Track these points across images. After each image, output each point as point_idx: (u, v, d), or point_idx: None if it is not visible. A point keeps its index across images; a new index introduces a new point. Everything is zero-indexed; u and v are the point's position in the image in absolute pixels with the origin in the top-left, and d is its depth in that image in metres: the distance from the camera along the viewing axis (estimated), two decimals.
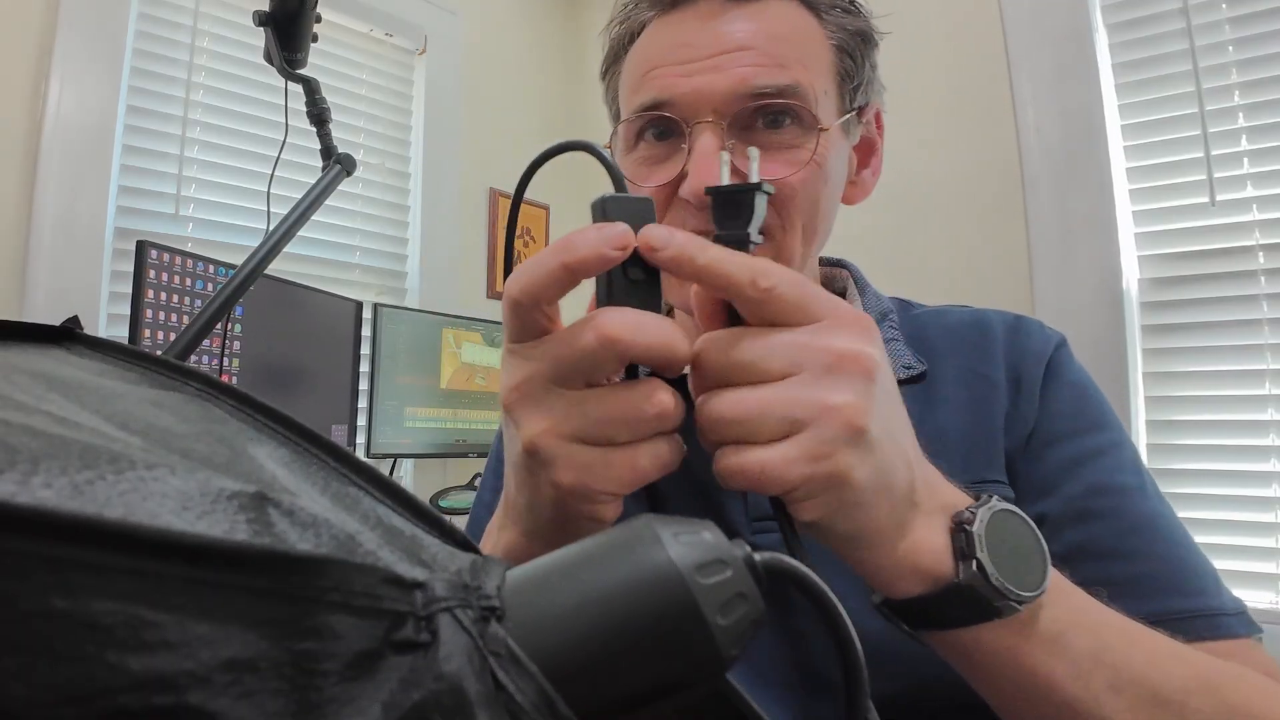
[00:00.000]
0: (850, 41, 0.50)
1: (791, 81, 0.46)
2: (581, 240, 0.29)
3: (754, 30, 0.46)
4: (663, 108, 0.47)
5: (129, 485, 0.14)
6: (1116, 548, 0.44)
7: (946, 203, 1.51)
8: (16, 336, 0.22)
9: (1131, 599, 0.40)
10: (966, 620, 0.32)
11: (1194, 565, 0.44)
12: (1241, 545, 1.18)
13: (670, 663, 0.18)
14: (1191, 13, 1.28)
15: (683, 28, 0.48)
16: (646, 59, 0.49)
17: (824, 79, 0.48)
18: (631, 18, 0.51)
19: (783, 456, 0.28)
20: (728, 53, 0.46)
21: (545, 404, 0.30)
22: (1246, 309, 1.22)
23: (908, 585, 0.32)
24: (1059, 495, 0.46)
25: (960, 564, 0.31)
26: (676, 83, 0.46)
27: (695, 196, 0.45)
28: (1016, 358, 0.51)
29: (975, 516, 0.31)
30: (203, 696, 0.13)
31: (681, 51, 0.47)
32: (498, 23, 2.07)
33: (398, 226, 1.81)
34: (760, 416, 0.28)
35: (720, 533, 0.20)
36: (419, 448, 1.62)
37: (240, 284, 0.69)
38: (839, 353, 0.29)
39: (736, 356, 0.29)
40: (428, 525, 0.20)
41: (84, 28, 1.30)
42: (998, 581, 0.30)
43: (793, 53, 0.47)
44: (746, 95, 0.45)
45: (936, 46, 1.54)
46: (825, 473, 0.28)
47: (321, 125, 0.83)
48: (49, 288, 1.24)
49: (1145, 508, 0.46)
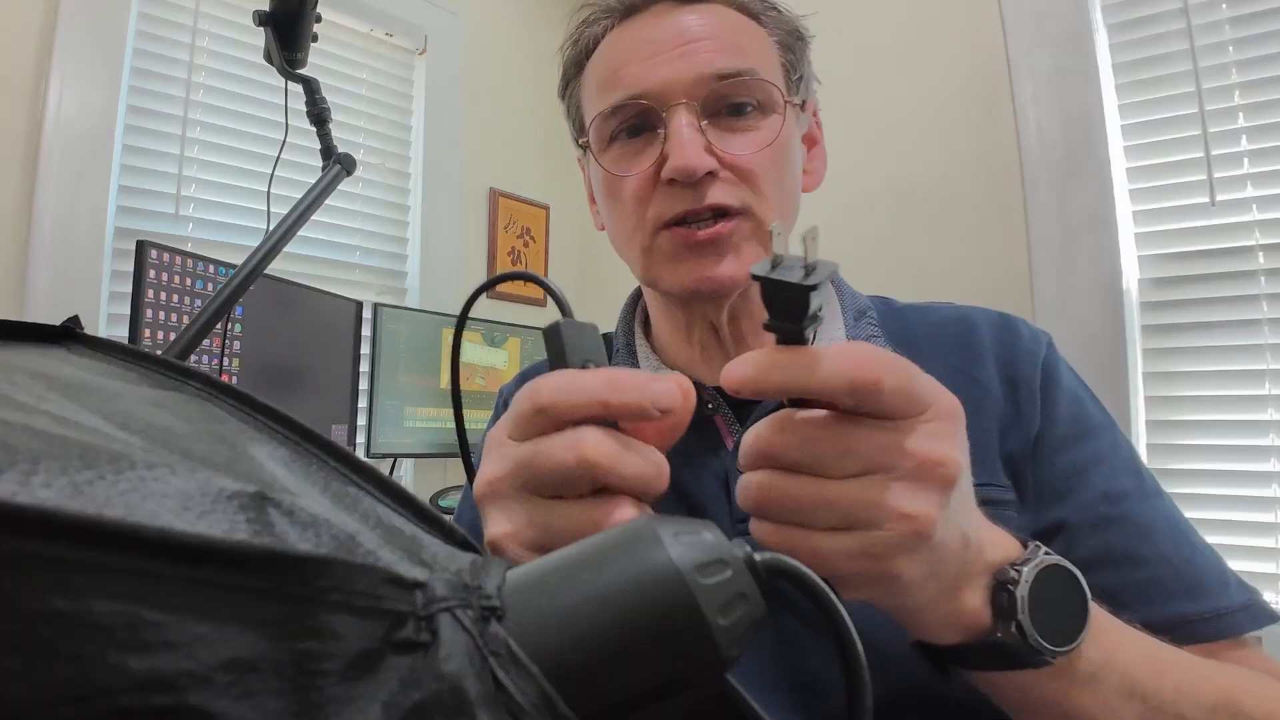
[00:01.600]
0: (788, 39, 0.54)
1: (751, 65, 0.50)
2: (631, 386, 0.27)
3: (708, 24, 0.50)
4: (639, 98, 0.50)
5: (129, 485, 0.14)
6: (1128, 554, 0.45)
7: (946, 203, 1.51)
8: (16, 336, 0.22)
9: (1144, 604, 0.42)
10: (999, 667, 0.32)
11: (1197, 563, 0.45)
12: (1242, 545, 1.18)
13: (670, 663, 0.18)
14: (1191, 13, 1.28)
15: (641, 29, 0.52)
16: (612, 61, 0.52)
17: (774, 70, 0.52)
18: (586, 34, 0.54)
19: (839, 550, 0.27)
20: (691, 42, 0.49)
21: (511, 508, 0.29)
22: (1246, 309, 1.22)
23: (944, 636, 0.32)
24: (1075, 502, 0.47)
25: (1000, 622, 0.31)
26: (647, 73, 0.49)
27: (680, 173, 0.47)
28: (1009, 360, 0.52)
29: (1020, 577, 0.31)
30: (203, 696, 0.13)
31: (647, 47, 0.50)
32: (498, 23, 2.07)
33: (398, 226, 1.81)
34: (826, 509, 0.28)
35: (720, 533, 0.20)
36: (419, 447, 1.62)
37: (240, 284, 0.69)
38: (925, 460, 0.28)
39: (817, 451, 0.28)
40: (428, 525, 0.20)
41: (84, 28, 1.30)
42: (1035, 641, 0.30)
43: (745, 42, 0.51)
44: (714, 77, 0.49)
45: (937, 47, 1.54)
46: (878, 571, 0.28)
47: (321, 125, 0.83)
48: (49, 287, 1.24)
49: (1147, 509, 0.47)
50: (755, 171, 0.49)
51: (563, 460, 0.27)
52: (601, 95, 0.52)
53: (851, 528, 0.27)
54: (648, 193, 0.50)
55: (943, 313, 0.56)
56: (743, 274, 0.49)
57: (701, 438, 0.52)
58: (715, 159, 0.48)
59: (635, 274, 0.56)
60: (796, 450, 0.28)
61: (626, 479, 0.27)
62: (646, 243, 0.51)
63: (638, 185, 0.50)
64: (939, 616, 0.31)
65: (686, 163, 0.47)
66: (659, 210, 0.50)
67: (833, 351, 0.27)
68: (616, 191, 0.52)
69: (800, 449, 0.28)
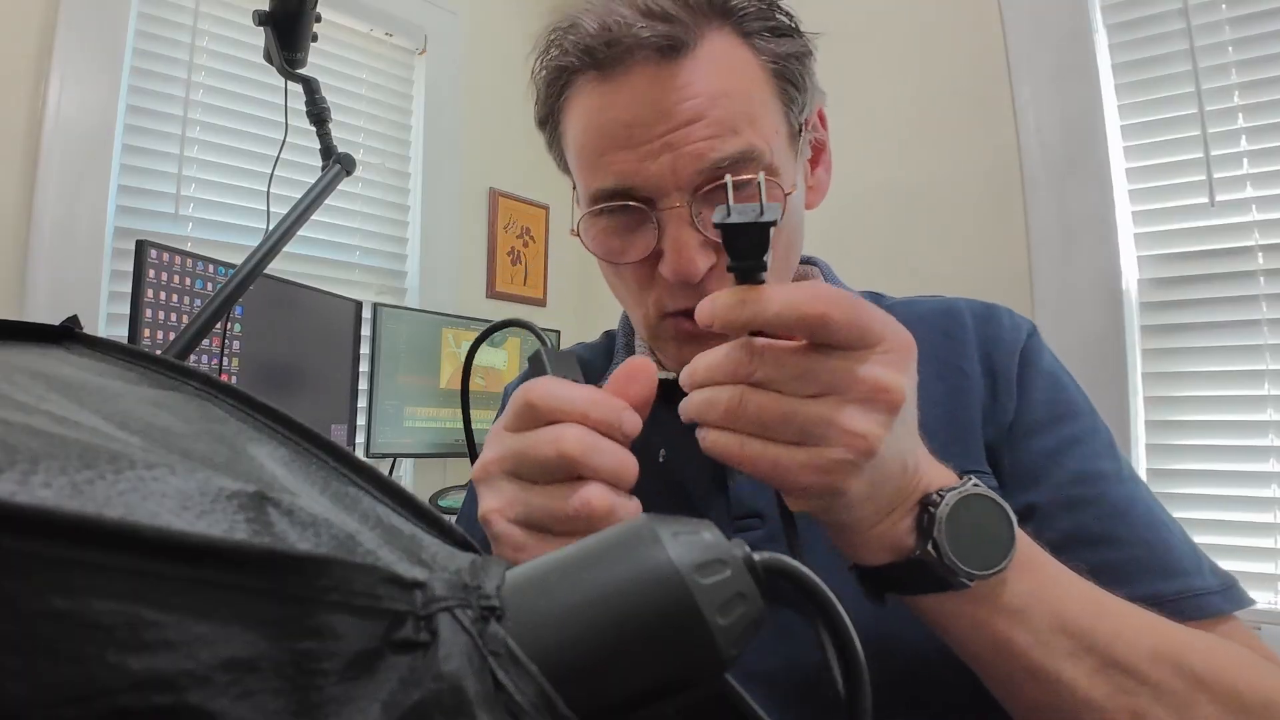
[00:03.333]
0: (786, 65, 0.49)
1: (746, 146, 0.45)
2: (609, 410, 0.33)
3: (696, 91, 0.45)
4: (626, 194, 0.46)
5: (129, 485, 0.14)
6: (1103, 533, 0.45)
7: (947, 203, 1.51)
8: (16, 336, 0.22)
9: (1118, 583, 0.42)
10: (923, 589, 0.35)
11: (1173, 545, 0.46)
12: (1241, 545, 1.18)
13: (669, 662, 0.18)
14: (1191, 13, 1.28)
15: (624, 103, 0.46)
16: (593, 140, 0.47)
17: (773, 119, 0.47)
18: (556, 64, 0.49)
19: (795, 462, 0.31)
20: (678, 129, 0.44)
21: (499, 487, 0.34)
22: (1246, 309, 1.22)
23: (874, 556, 0.35)
24: (1047, 484, 0.48)
25: (920, 542, 0.34)
26: (634, 169, 0.45)
27: (676, 277, 0.45)
28: (989, 348, 0.52)
29: (943, 500, 0.34)
30: (203, 696, 0.13)
31: (629, 133, 0.45)
32: (498, 23, 2.07)
33: (397, 226, 1.81)
34: (785, 422, 0.31)
35: (719, 532, 0.20)
36: (419, 447, 1.62)
37: (240, 284, 0.69)
38: (874, 385, 0.31)
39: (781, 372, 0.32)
40: (427, 525, 0.20)
41: (84, 28, 1.30)
42: (950, 561, 0.33)
43: (740, 110, 0.45)
44: (707, 170, 0.45)
45: (937, 47, 1.54)
46: (826, 484, 0.32)
47: (321, 125, 0.83)
48: (48, 287, 1.24)
49: (1123, 491, 0.47)
50: None
51: (545, 453, 0.32)
52: (587, 172, 0.48)
53: (805, 443, 0.31)
54: (646, 279, 0.49)
55: (928, 305, 0.57)
56: None
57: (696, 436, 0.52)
58: (714, 247, 0.46)
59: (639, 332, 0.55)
60: (763, 370, 0.32)
61: (600, 471, 0.32)
62: (651, 323, 0.50)
63: (635, 272, 0.49)
64: (872, 536, 0.35)
65: (686, 271, 0.45)
66: (661, 300, 0.49)
67: (786, 289, 0.31)
68: (614, 273, 0.51)
69: (767, 369, 0.32)
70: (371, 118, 1.76)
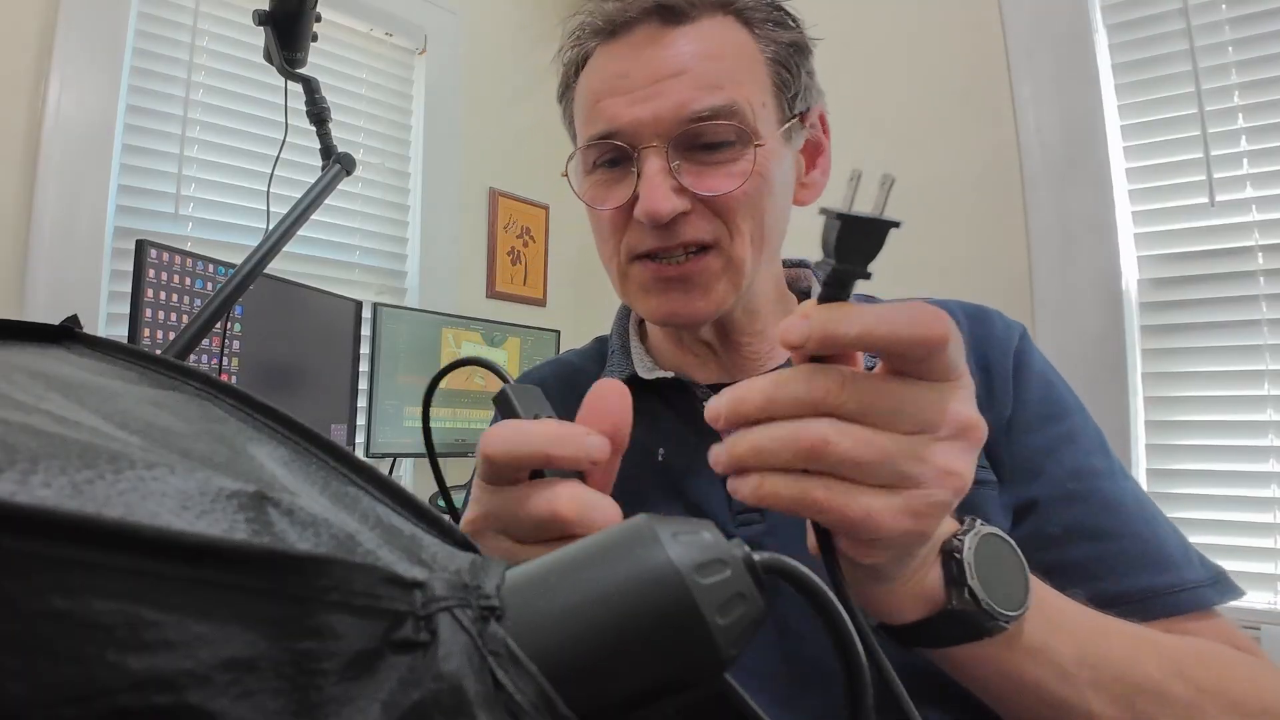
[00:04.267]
0: (784, 53, 0.52)
1: (726, 101, 0.48)
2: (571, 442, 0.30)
3: (689, 52, 0.49)
4: (611, 136, 0.50)
5: (128, 485, 0.14)
6: (1098, 527, 0.46)
7: (947, 203, 1.51)
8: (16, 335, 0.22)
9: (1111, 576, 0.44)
10: (959, 640, 0.34)
11: (1164, 539, 0.47)
12: (1241, 546, 1.18)
13: (669, 662, 0.18)
14: (1191, 13, 1.28)
15: (622, 57, 0.51)
16: (593, 90, 0.52)
17: (759, 92, 0.51)
18: (579, 45, 0.54)
19: (891, 508, 0.28)
20: (664, 79, 0.48)
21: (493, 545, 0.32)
22: (1246, 309, 1.22)
23: (907, 613, 0.34)
24: (1046, 479, 0.48)
25: (952, 590, 0.33)
26: (620, 112, 0.49)
27: (648, 218, 0.48)
28: (982, 347, 0.53)
29: (963, 544, 0.33)
30: (202, 696, 0.13)
31: (622, 82, 0.50)
32: (497, 23, 2.07)
33: (397, 226, 1.81)
34: (881, 464, 0.27)
35: (719, 532, 0.20)
36: (418, 447, 1.62)
37: (240, 283, 0.69)
38: (965, 422, 0.29)
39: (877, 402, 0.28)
40: (427, 525, 0.20)
41: (84, 27, 1.30)
42: (988, 606, 0.32)
43: (727, 71, 0.49)
44: (685, 119, 0.48)
45: (937, 47, 1.54)
46: (920, 530, 0.29)
47: (321, 125, 0.83)
48: (48, 287, 1.24)
49: (1114, 487, 0.48)
50: (727, 206, 0.49)
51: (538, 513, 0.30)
52: (583, 125, 0.53)
53: (898, 486, 0.28)
54: (622, 224, 0.52)
55: None
56: (709, 309, 0.51)
57: (698, 435, 0.53)
58: (688, 196, 0.49)
59: (615, 289, 0.57)
60: (855, 403, 0.27)
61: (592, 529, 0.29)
62: (621, 269, 0.53)
63: (613, 217, 0.52)
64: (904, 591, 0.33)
65: (654, 208, 0.48)
66: (631, 243, 0.52)
67: (897, 307, 0.27)
68: (595, 217, 0.54)
69: (860, 402, 0.28)
70: (371, 118, 1.76)
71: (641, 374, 0.57)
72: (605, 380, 0.33)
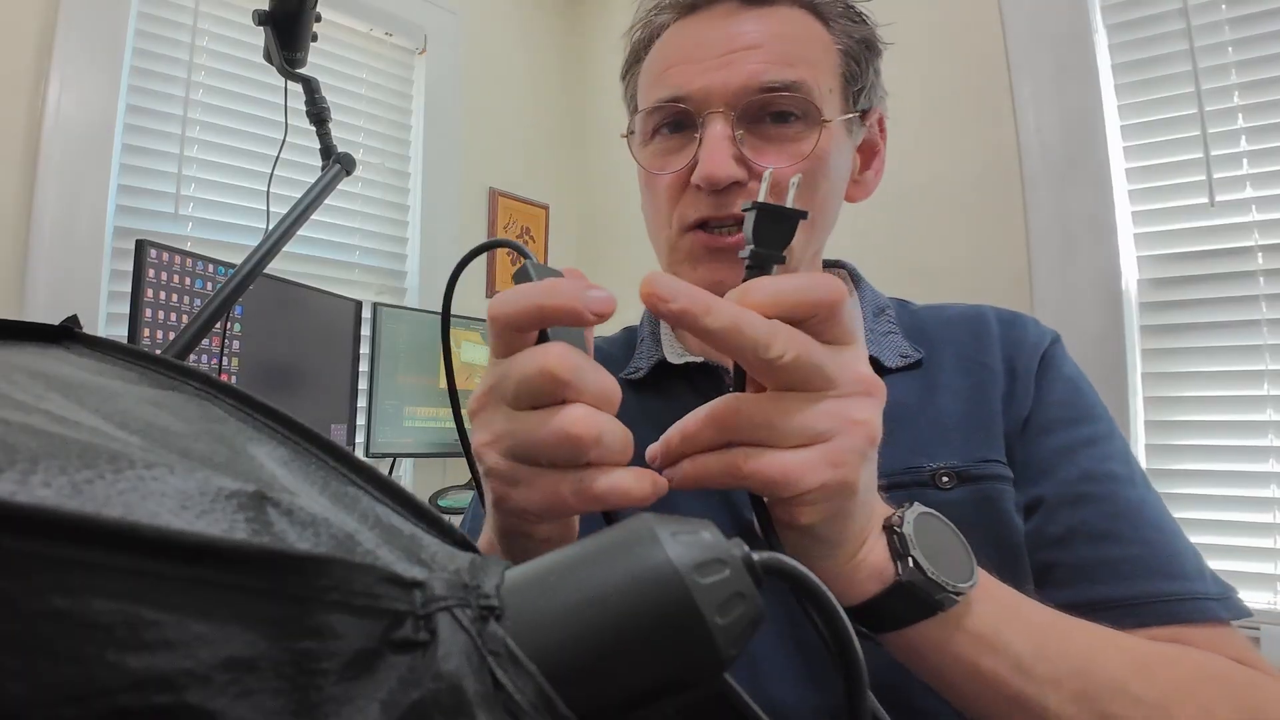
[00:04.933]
0: (855, 48, 0.53)
1: (798, 78, 0.49)
2: (566, 290, 0.30)
3: (764, 31, 0.49)
4: (678, 101, 0.50)
5: (128, 484, 0.14)
6: (1107, 530, 0.46)
7: (946, 203, 1.51)
8: (16, 335, 0.22)
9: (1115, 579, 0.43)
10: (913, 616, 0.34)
11: (1178, 550, 0.46)
12: (1240, 546, 1.18)
13: (669, 662, 0.18)
14: (1191, 14, 1.28)
15: (698, 29, 0.51)
16: (665, 58, 0.52)
17: (829, 78, 0.51)
18: (652, 22, 0.54)
19: (808, 462, 0.30)
20: (739, 51, 0.49)
21: (491, 417, 0.32)
22: (1245, 310, 1.22)
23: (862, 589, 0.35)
24: (1055, 479, 0.48)
25: (898, 563, 0.34)
26: (691, 78, 0.50)
27: (705, 181, 0.48)
28: (1012, 348, 0.54)
29: (903, 520, 0.35)
30: (202, 696, 0.13)
31: (696, 51, 0.50)
32: (498, 23, 2.07)
33: (397, 226, 1.81)
34: (790, 422, 0.30)
35: (719, 532, 0.20)
36: (418, 447, 1.62)
37: (240, 283, 0.69)
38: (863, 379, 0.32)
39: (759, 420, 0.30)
40: (427, 524, 0.20)
41: (83, 27, 1.30)
42: (934, 574, 0.33)
43: (800, 52, 0.50)
44: (755, 89, 0.48)
45: (937, 47, 1.54)
46: (839, 479, 0.31)
47: (321, 124, 0.83)
48: (48, 287, 1.24)
49: (1133, 494, 0.48)
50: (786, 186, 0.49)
51: (528, 371, 0.30)
52: (649, 91, 0.53)
53: (812, 442, 0.30)
54: (678, 192, 0.51)
55: (957, 309, 0.59)
56: None
57: None
58: (746, 169, 0.48)
59: (660, 263, 0.57)
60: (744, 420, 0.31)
61: (584, 391, 0.30)
62: (672, 239, 0.53)
63: (671, 183, 0.52)
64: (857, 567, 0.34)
65: (713, 171, 0.47)
66: (684, 211, 0.51)
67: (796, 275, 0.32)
68: (652, 184, 0.54)
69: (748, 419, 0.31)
70: (371, 117, 1.76)
71: (671, 359, 0.57)
72: None
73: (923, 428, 0.50)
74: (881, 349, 0.54)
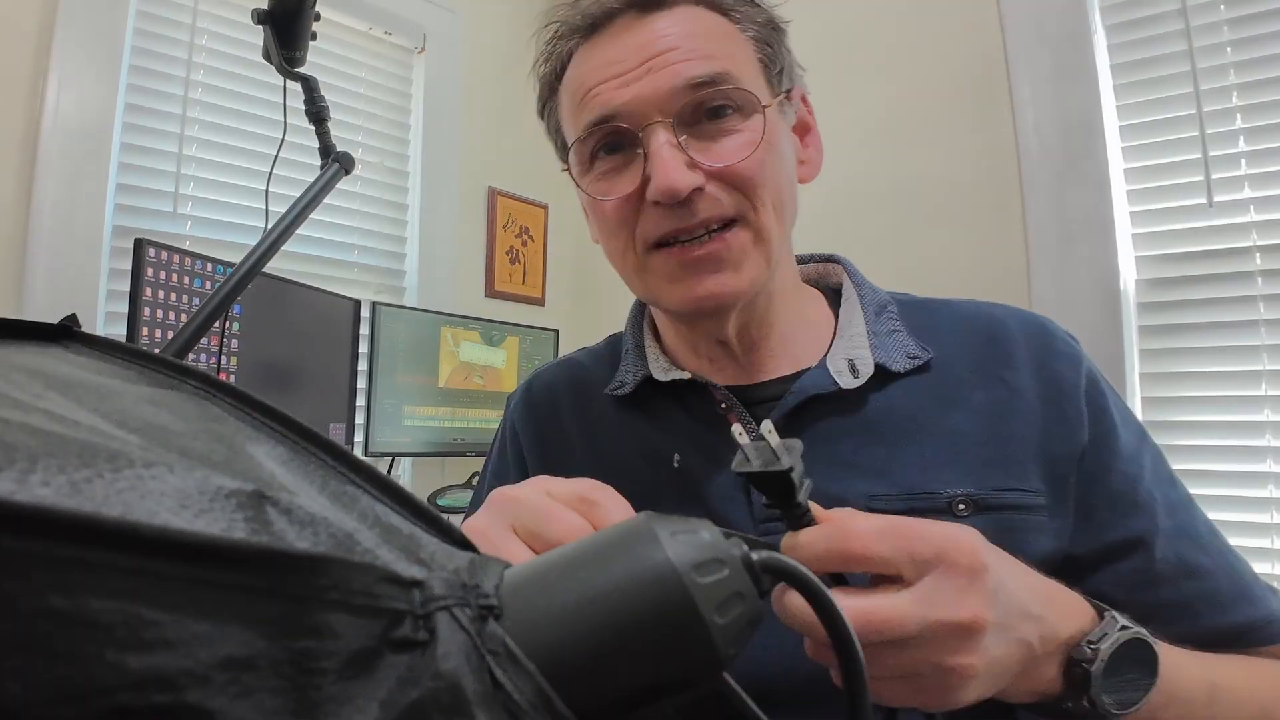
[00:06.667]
0: (763, 31, 0.52)
1: (722, 69, 0.48)
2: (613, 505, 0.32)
3: (675, 31, 0.48)
4: (611, 120, 0.48)
5: (127, 483, 0.14)
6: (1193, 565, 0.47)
7: (946, 203, 1.51)
8: (15, 334, 0.22)
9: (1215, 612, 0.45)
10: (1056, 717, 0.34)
11: (1243, 570, 0.48)
12: (1239, 545, 1.18)
13: (668, 661, 0.18)
14: (1190, 14, 1.28)
15: (607, 46, 0.50)
16: (582, 82, 0.51)
17: (749, 67, 0.50)
18: (556, 51, 0.53)
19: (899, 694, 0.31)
20: (656, 56, 0.48)
21: None
22: (1243, 310, 1.22)
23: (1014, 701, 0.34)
24: (1148, 514, 0.47)
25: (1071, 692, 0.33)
26: (616, 95, 0.48)
27: (666, 195, 0.46)
28: (1044, 364, 0.51)
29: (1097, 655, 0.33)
30: (201, 695, 0.13)
31: (613, 66, 0.49)
32: (497, 22, 2.07)
33: (396, 225, 1.81)
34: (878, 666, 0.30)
35: (718, 532, 0.20)
36: (417, 446, 1.62)
37: (238, 282, 0.69)
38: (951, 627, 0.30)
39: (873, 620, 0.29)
40: (426, 524, 0.20)
41: (82, 27, 1.30)
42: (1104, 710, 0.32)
43: (714, 45, 0.49)
44: (684, 89, 0.47)
45: (936, 47, 1.54)
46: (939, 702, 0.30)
47: (320, 124, 0.83)
48: (47, 286, 1.24)
49: (1194, 520, 0.49)
50: (745, 176, 0.48)
51: None
52: (575, 118, 0.51)
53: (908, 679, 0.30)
54: (633, 213, 0.49)
55: (968, 307, 0.56)
56: (744, 286, 0.49)
57: (716, 437, 0.52)
58: (700, 172, 0.47)
59: (635, 293, 0.55)
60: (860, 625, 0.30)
61: None
62: (638, 263, 0.51)
63: (621, 206, 0.49)
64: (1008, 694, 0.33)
65: (672, 184, 0.45)
66: (645, 231, 0.49)
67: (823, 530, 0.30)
68: (600, 211, 0.52)
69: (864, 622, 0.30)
70: (370, 117, 1.76)
71: (657, 375, 0.55)
72: None
73: (935, 444, 0.48)
74: (887, 351, 0.51)
